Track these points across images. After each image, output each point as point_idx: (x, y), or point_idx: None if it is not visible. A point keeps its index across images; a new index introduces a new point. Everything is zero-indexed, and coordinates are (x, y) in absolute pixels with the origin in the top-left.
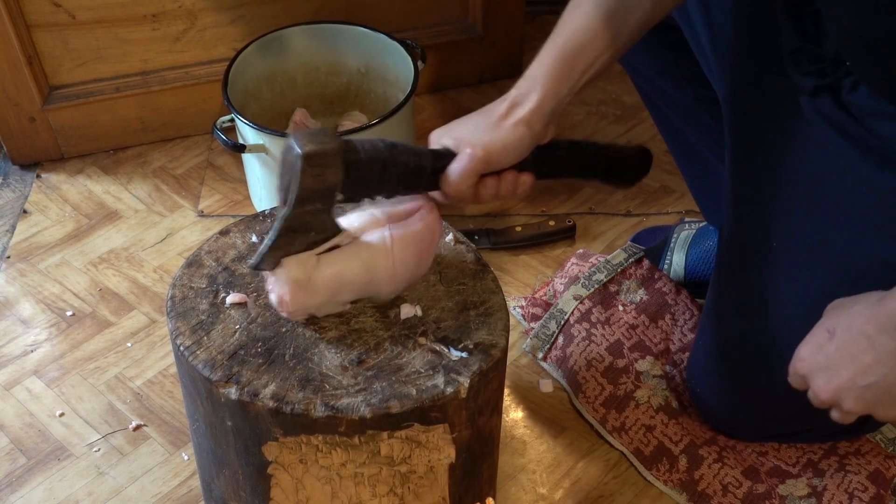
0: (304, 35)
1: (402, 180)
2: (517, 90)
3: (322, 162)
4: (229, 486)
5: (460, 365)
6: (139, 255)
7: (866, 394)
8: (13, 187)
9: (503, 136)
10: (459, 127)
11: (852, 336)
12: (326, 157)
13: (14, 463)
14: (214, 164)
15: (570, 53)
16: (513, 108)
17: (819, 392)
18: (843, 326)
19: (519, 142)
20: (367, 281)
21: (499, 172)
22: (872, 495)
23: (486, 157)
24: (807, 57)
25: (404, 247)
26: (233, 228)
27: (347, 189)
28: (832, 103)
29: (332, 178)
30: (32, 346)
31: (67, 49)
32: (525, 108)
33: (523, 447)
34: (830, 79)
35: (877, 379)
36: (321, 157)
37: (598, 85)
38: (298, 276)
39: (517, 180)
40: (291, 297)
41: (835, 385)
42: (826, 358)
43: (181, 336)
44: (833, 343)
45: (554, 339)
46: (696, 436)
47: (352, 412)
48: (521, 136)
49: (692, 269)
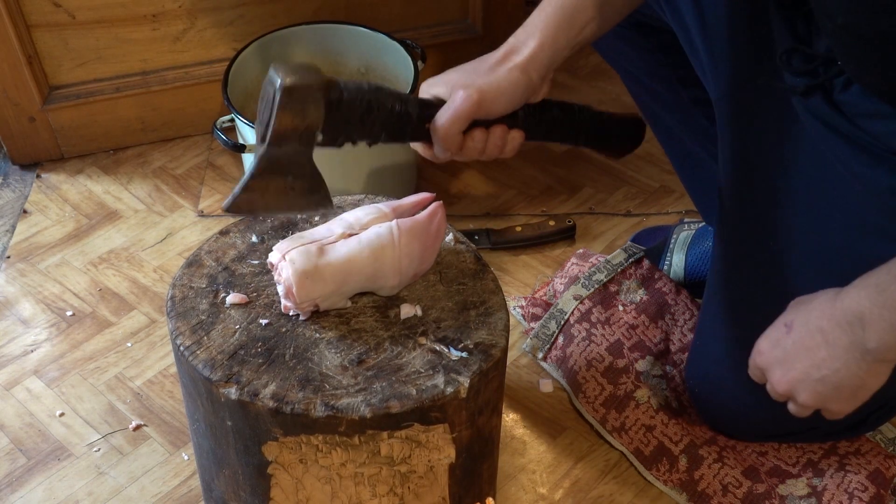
0: (304, 35)
1: (386, 126)
2: (515, 38)
3: (303, 97)
4: (229, 486)
5: (460, 365)
6: (139, 255)
7: (819, 387)
8: (13, 187)
9: (498, 80)
10: (452, 74)
11: (808, 330)
12: (308, 92)
13: (14, 463)
14: (214, 164)
15: (571, 5)
16: (509, 54)
17: (776, 384)
18: (800, 321)
19: (514, 87)
20: (372, 272)
21: (489, 126)
22: (872, 495)
23: (480, 100)
24: (799, 57)
25: (410, 239)
26: (233, 228)
27: (328, 129)
28: (824, 103)
29: (313, 116)
30: (32, 346)
31: (67, 49)
32: (522, 55)
33: (523, 447)
34: (822, 78)
35: (829, 373)
36: (302, 92)
37: (598, 85)
38: (305, 266)
39: (506, 136)
40: (298, 287)
41: (790, 378)
42: (783, 351)
43: (181, 336)
44: (790, 337)
45: (554, 339)
46: (696, 436)
47: (352, 412)
48: (517, 81)
49: (692, 270)
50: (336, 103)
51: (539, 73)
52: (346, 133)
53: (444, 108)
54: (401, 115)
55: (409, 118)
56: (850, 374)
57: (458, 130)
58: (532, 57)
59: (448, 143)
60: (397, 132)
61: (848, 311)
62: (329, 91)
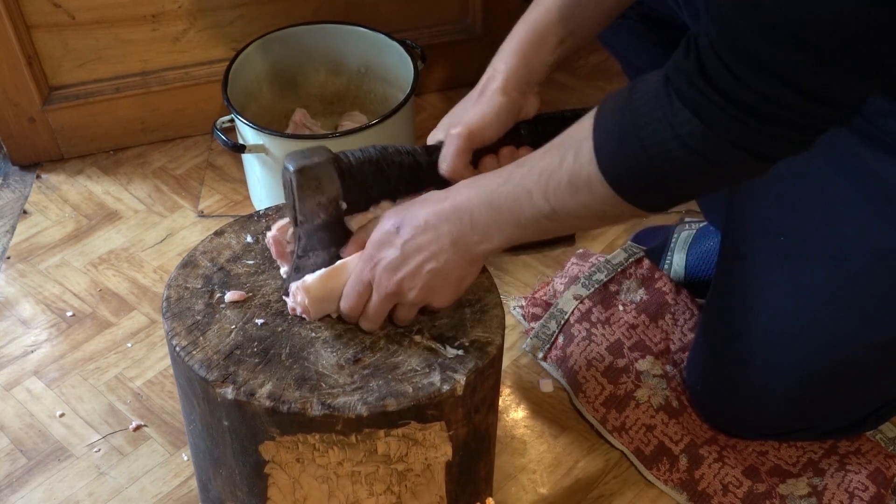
0: (303, 35)
1: (401, 179)
2: (491, 67)
3: (315, 174)
4: (226, 486)
5: (456, 362)
6: (139, 255)
7: (429, 280)
8: (13, 188)
9: (482, 108)
10: (445, 117)
11: (418, 228)
12: (318, 169)
13: (14, 463)
14: (214, 165)
15: (541, 28)
16: (488, 82)
17: (385, 286)
18: (408, 221)
19: (497, 110)
20: None
21: (496, 150)
22: (873, 494)
23: (469, 133)
24: None
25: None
26: (227, 229)
27: (348, 195)
28: None
29: (329, 188)
30: (32, 346)
31: (67, 49)
32: (497, 80)
33: (523, 447)
34: None
35: (438, 265)
36: (313, 170)
37: (598, 85)
38: (318, 294)
39: (516, 155)
40: (314, 310)
41: (400, 277)
42: (395, 252)
43: (177, 336)
44: (400, 237)
45: (554, 339)
46: (697, 435)
47: (348, 410)
48: (499, 104)
49: (692, 270)
50: (347, 171)
51: (519, 91)
52: (366, 195)
53: (443, 152)
54: (411, 166)
55: (420, 167)
56: (457, 265)
57: (462, 166)
58: (507, 79)
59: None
60: (413, 182)
61: (459, 208)
62: (338, 162)
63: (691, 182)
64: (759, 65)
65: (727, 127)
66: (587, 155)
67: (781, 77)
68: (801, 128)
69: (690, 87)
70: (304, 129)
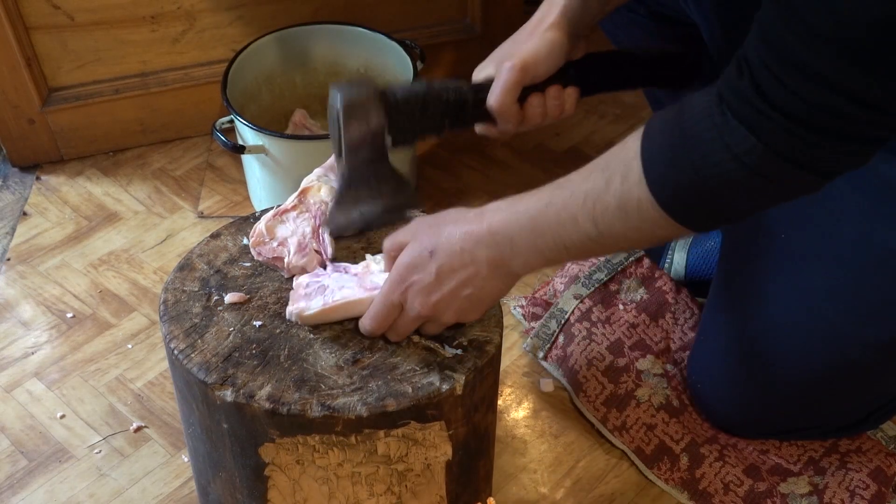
0: (303, 36)
1: (446, 115)
2: (546, 3)
3: (363, 106)
4: (226, 489)
5: (455, 362)
6: (139, 256)
7: (464, 304)
8: (13, 189)
9: (536, 44)
10: (496, 51)
11: (453, 252)
12: (366, 102)
13: (15, 465)
14: (214, 166)
15: None
16: (542, 18)
17: (419, 308)
18: (443, 246)
19: (550, 46)
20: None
21: (543, 89)
22: (874, 493)
23: (523, 66)
24: None
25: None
26: (224, 231)
27: (393, 129)
28: None
29: (376, 121)
30: (33, 348)
31: (66, 51)
32: (552, 15)
33: (524, 447)
34: None
35: (475, 290)
36: (361, 102)
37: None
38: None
39: (562, 94)
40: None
41: (435, 300)
42: (429, 276)
43: (175, 340)
44: (434, 262)
45: (554, 339)
46: (698, 434)
47: (348, 411)
48: (552, 40)
49: (693, 269)
50: (394, 105)
51: (574, 30)
52: (411, 130)
53: (494, 85)
54: (457, 102)
55: (466, 103)
56: (494, 287)
57: (512, 101)
58: (562, 16)
59: (507, 116)
60: (458, 118)
61: (497, 232)
62: (385, 96)
63: (747, 201)
64: (810, 75)
65: (784, 143)
66: (636, 177)
67: (832, 85)
68: (856, 138)
69: (746, 104)
70: (303, 129)
